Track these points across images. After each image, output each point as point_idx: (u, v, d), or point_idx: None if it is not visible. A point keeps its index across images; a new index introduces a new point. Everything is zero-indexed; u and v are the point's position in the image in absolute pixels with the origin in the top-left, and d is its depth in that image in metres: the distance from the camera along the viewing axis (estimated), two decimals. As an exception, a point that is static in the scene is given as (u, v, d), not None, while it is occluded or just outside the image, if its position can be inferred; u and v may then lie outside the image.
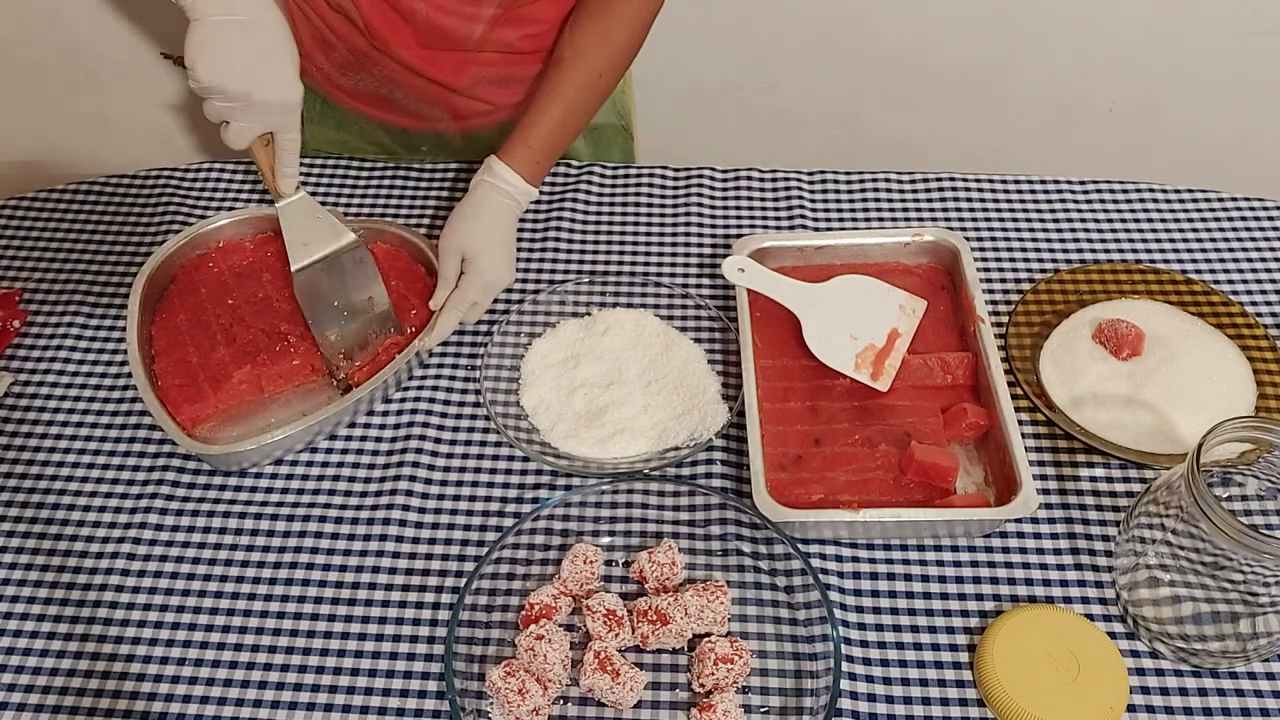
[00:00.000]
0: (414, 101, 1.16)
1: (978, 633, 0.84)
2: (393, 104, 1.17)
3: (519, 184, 1.02)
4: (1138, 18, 1.53)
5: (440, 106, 1.16)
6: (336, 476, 0.95)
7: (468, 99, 1.15)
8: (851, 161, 1.25)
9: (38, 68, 1.66)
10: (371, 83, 1.14)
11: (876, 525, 0.86)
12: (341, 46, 1.10)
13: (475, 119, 1.19)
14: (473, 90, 1.14)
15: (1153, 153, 1.71)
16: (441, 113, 1.17)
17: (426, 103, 1.15)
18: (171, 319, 1.00)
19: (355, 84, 1.15)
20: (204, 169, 1.20)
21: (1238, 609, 0.76)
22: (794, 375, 0.97)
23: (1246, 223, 1.12)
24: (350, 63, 1.12)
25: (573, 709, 0.81)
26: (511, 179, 1.02)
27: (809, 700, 0.80)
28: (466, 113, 1.18)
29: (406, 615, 0.86)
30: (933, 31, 1.59)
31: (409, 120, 1.20)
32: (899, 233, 1.05)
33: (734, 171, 1.20)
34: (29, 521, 0.92)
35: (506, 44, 1.09)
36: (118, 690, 0.82)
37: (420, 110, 1.17)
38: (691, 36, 1.63)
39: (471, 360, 1.03)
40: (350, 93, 1.17)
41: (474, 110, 1.17)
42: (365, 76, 1.13)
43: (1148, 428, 0.93)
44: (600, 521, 0.90)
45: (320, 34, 1.11)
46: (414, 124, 1.20)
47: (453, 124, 1.20)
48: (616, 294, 1.07)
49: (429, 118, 1.19)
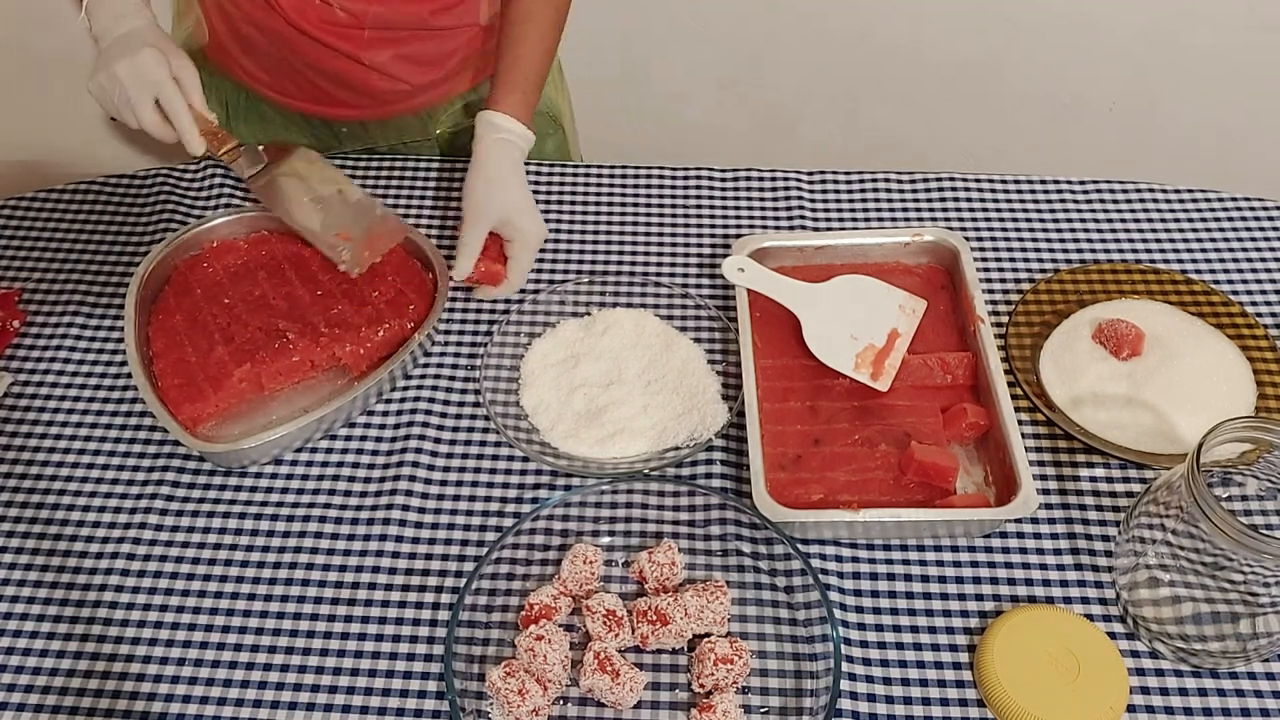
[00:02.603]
0: (335, 87, 1.16)
1: (978, 633, 0.84)
2: (315, 92, 1.18)
3: (522, 130, 1.03)
4: (1137, 16, 1.53)
5: (361, 91, 1.17)
6: (336, 476, 0.95)
7: (385, 77, 1.15)
8: (848, 158, 1.25)
9: (38, 68, 1.66)
10: (291, 71, 1.15)
11: (876, 525, 0.86)
12: (259, 36, 1.12)
13: (396, 103, 1.20)
14: (388, 68, 1.15)
15: (1152, 152, 1.71)
16: (362, 97, 1.18)
17: (346, 87, 1.16)
18: (168, 320, 1.00)
19: (277, 76, 1.16)
20: (203, 169, 1.20)
21: (1238, 609, 0.76)
22: (794, 375, 0.97)
23: (1246, 223, 1.12)
24: (269, 52, 1.14)
25: (573, 709, 0.81)
26: (515, 128, 1.03)
27: (809, 700, 0.80)
28: (387, 96, 1.18)
29: (406, 615, 0.86)
30: (930, 28, 1.59)
31: (333, 109, 1.20)
32: (899, 233, 1.05)
33: (734, 171, 1.20)
34: (29, 521, 0.92)
35: (418, 19, 1.11)
36: (118, 690, 0.82)
37: (342, 96, 1.18)
38: (687, 33, 1.63)
39: (471, 360, 1.03)
40: (273, 87, 1.19)
41: (394, 92, 1.18)
42: (285, 64, 1.15)
43: (1148, 428, 0.93)
44: (600, 521, 0.90)
45: (239, 30, 1.13)
46: (338, 113, 1.21)
47: (374, 109, 1.20)
48: (616, 294, 1.07)
49: (351, 104, 1.19)
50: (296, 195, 0.99)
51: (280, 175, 1.00)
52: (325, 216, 0.98)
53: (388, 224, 1.00)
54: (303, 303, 1.01)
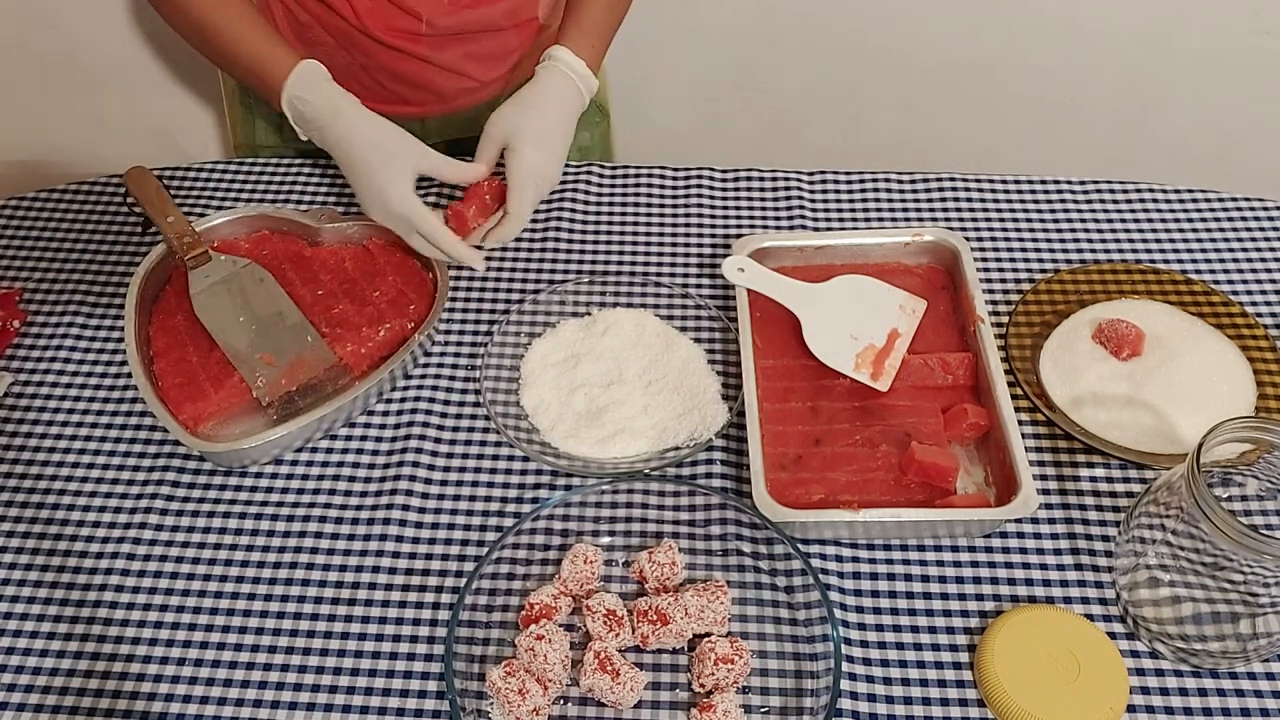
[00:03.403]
0: (401, 86, 1.16)
1: (978, 633, 0.84)
2: (381, 92, 1.17)
3: (582, 69, 1.00)
4: (1137, 17, 1.53)
5: (426, 89, 1.16)
6: (336, 476, 0.95)
7: (452, 75, 1.15)
8: (850, 162, 1.25)
9: (38, 68, 1.66)
10: (357, 71, 1.15)
11: (876, 525, 0.86)
12: (326, 38, 1.12)
13: (458, 99, 1.19)
14: (457, 66, 1.14)
15: (1152, 153, 1.71)
16: (427, 95, 1.18)
17: (413, 86, 1.16)
18: (169, 320, 1.00)
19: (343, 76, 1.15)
20: (203, 169, 1.20)
21: (1238, 609, 0.76)
22: (794, 375, 0.97)
23: (1246, 223, 1.12)
24: (336, 54, 1.13)
25: (573, 709, 0.81)
26: (575, 63, 1.00)
27: (809, 700, 0.80)
28: (451, 93, 1.18)
29: (406, 615, 0.86)
30: (930, 31, 1.59)
31: (396, 107, 1.20)
32: (899, 233, 1.05)
33: (734, 171, 1.20)
34: (29, 521, 0.92)
35: (489, 21, 1.10)
36: (118, 690, 0.82)
37: (407, 95, 1.18)
38: (688, 36, 1.63)
39: (471, 360, 1.03)
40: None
41: (459, 88, 1.17)
42: (352, 65, 1.14)
43: (1148, 428, 0.93)
44: (600, 521, 0.90)
45: (306, 32, 1.12)
46: (400, 110, 1.20)
47: (437, 105, 1.20)
48: (616, 294, 1.07)
49: (415, 101, 1.19)
50: (231, 312, 0.98)
51: (224, 287, 0.99)
52: (255, 337, 0.97)
53: (316, 351, 0.97)
54: (304, 302, 1.01)
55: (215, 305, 0.98)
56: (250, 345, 0.96)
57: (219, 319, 0.97)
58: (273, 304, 0.99)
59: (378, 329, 0.99)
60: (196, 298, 0.98)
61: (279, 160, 1.22)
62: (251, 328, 0.97)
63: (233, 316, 0.98)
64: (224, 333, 0.97)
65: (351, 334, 0.98)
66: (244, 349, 0.96)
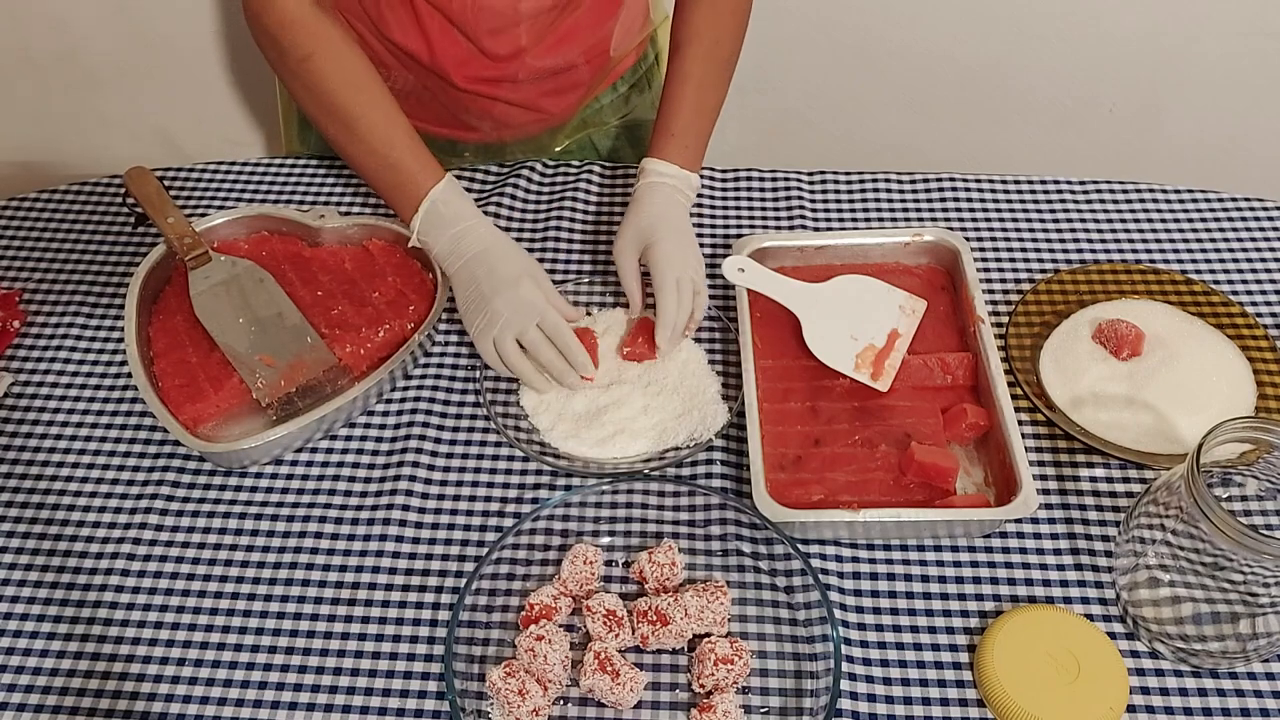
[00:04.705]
0: (474, 119, 1.18)
1: (978, 633, 0.84)
2: (453, 122, 1.19)
3: (676, 171, 1.02)
4: (1138, 19, 1.53)
5: (500, 121, 1.18)
6: (336, 476, 0.95)
7: (522, 109, 1.17)
8: (850, 162, 1.25)
9: (38, 68, 1.66)
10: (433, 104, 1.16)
11: (876, 525, 0.86)
12: (405, 75, 1.13)
13: (528, 126, 1.21)
14: (533, 103, 1.17)
15: (1153, 154, 1.71)
16: (500, 125, 1.20)
17: (487, 118, 1.18)
18: (169, 320, 1.00)
19: (415, 105, 1.15)
20: (204, 169, 1.20)
21: (1238, 609, 0.76)
22: (794, 375, 0.97)
23: (1246, 223, 1.12)
24: (412, 88, 1.14)
25: (573, 709, 0.81)
26: (668, 169, 1.02)
27: (809, 700, 0.80)
28: (518, 121, 1.19)
29: (406, 615, 0.86)
30: (933, 32, 1.59)
31: (466, 133, 1.21)
32: (899, 233, 1.05)
33: (734, 171, 1.20)
34: (29, 521, 0.92)
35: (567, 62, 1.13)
36: (118, 690, 0.82)
37: (479, 125, 1.19)
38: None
39: (471, 360, 1.03)
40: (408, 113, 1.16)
41: (526, 120, 1.19)
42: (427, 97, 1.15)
43: (1148, 428, 0.93)
44: (600, 522, 0.90)
45: (379, 57, 1.12)
46: (469, 136, 1.22)
47: (506, 132, 1.22)
48: (617, 294, 1.06)
49: (479, 129, 1.21)
50: (231, 314, 0.98)
51: (224, 288, 0.99)
52: (254, 339, 0.97)
53: (315, 352, 0.97)
54: (304, 303, 1.01)
55: (215, 306, 0.98)
56: (250, 346, 0.96)
57: (219, 320, 0.97)
58: (272, 305, 0.99)
59: (377, 330, 0.99)
60: (197, 298, 0.98)
61: (279, 160, 1.22)
62: (251, 329, 0.97)
63: (233, 317, 0.98)
64: (224, 334, 0.97)
65: (351, 335, 0.98)
66: (244, 350, 0.96)
